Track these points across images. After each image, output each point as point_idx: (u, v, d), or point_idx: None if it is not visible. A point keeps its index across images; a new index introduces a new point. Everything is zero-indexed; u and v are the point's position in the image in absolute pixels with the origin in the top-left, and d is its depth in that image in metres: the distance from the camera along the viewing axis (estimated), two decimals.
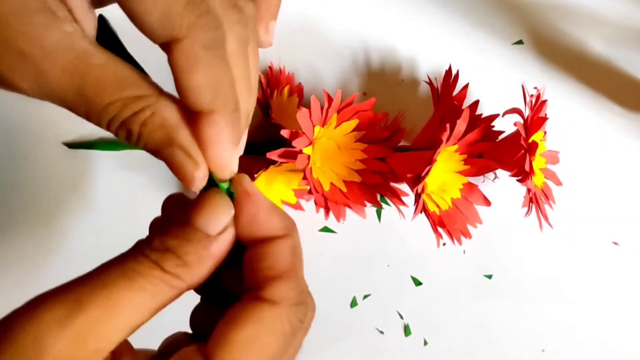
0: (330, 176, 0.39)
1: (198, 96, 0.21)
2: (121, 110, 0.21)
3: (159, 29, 0.20)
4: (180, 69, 0.21)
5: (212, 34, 0.21)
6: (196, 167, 0.22)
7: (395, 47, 0.45)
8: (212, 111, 0.21)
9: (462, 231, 0.39)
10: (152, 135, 0.21)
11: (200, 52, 0.21)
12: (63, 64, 0.20)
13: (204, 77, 0.21)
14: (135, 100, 0.21)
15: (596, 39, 0.46)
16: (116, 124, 0.21)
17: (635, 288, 0.45)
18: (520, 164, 0.37)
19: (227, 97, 0.22)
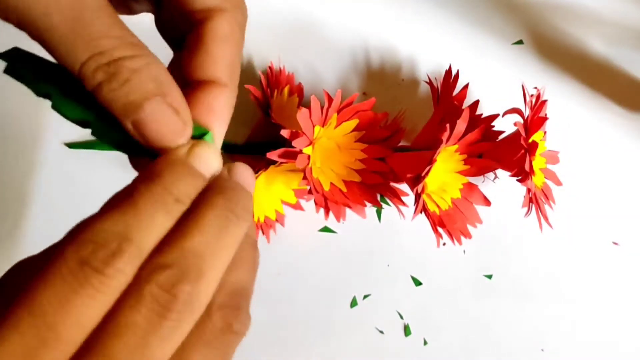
0: (330, 176, 0.39)
1: (224, 67, 0.21)
2: (115, 48, 0.19)
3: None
4: (216, 38, 0.21)
5: (244, 18, 0.22)
6: (184, 127, 0.20)
7: (395, 47, 0.45)
8: (226, 85, 0.21)
9: (462, 231, 0.39)
10: (142, 85, 0.19)
11: (236, 29, 0.21)
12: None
13: (232, 52, 0.21)
14: (133, 45, 0.19)
15: (596, 39, 0.46)
16: (102, 60, 0.19)
17: (635, 288, 0.45)
18: (520, 164, 0.37)
19: (237, 77, 0.22)
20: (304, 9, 0.46)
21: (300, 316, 0.44)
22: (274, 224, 0.43)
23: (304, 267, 0.44)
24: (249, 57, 0.45)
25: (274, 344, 0.43)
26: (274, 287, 0.44)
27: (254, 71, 0.45)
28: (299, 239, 0.44)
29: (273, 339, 0.43)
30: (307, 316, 0.44)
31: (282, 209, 0.43)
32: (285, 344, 0.43)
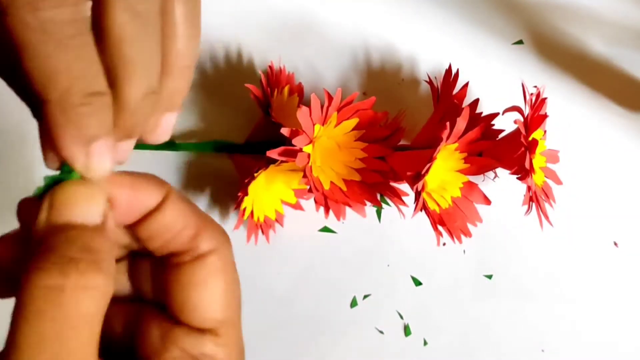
0: (330, 175, 0.39)
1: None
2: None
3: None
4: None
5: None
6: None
7: (396, 47, 0.46)
8: (46, 101, 0.18)
9: (462, 230, 0.39)
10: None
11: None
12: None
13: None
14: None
15: (596, 39, 0.46)
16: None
17: (636, 288, 0.45)
18: (520, 162, 0.37)
19: (66, 83, 0.18)
20: (304, 8, 0.46)
21: (300, 316, 0.44)
22: (274, 224, 0.43)
23: (304, 267, 0.44)
24: (249, 57, 0.45)
25: (274, 344, 0.43)
26: (274, 287, 0.44)
27: (255, 70, 0.45)
28: (299, 239, 0.44)
29: (273, 339, 0.43)
30: (307, 316, 0.44)
31: (282, 209, 0.43)
32: (285, 344, 0.43)
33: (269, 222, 0.42)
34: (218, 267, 0.21)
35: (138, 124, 0.20)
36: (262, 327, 0.43)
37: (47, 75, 0.17)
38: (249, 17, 0.46)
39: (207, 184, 0.44)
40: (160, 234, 0.21)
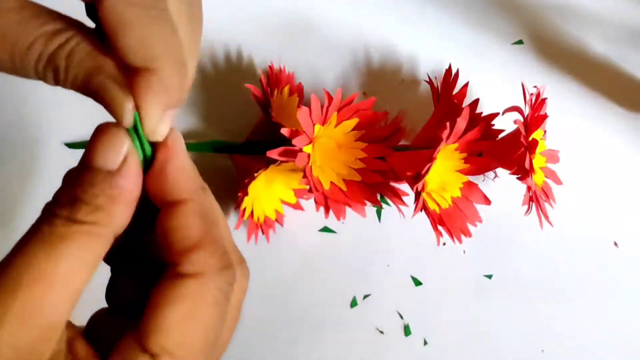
0: (330, 175, 0.39)
1: (132, 54, 0.20)
2: (46, 45, 0.19)
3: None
4: (113, 23, 0.19)
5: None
6: (127, 97, 0.20)
7: (396, 47, 0.46)
8: (148, 70, 0.20)
9: (462, 230, 0.39)
10: (80, 65, 0.20)
11: (132, 9, 0.19)
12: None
13: (134, 35, 0.20)
14: (58, 32, 0.20)
15: (596, 39, 0.46)
16: (43, 62, 0.19)
17: (636, 288, 0.45)
18: (520, 162, 0.37)
19: (167, 54, 0.20)
20: (304, 8, 0.46)
21: (301, 316, 0.44)
22: (274, 223, 0.43)
23: (304, 267, 0.44)
24: (250, 57, 0.45)
25: (274, 343, 0.43)
26: (274, 287, 0.44)
27: (255, 70, 0.45)
28: (299, 239, 0.44)
29: (273, 339, 0.43)
30: (308, 316, 0.44)
31: (282, 209, 0.43)
32: (285, 343, 0.43)
33: (269, 222, 0.42)
34: (192, 296, 0.20)
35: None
36: (262, 327, 0.43)
37: (146, 46, 0.19)
38: (249, 17, 0.46)
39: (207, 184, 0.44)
40: (167, 233, 0.21)
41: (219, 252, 0.21)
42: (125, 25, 0.19)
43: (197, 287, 0.20)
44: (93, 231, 0.19)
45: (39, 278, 0.18)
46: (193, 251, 0.21)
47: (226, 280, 0.21)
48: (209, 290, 0.20)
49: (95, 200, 0.20)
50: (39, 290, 0.18)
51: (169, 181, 0.21)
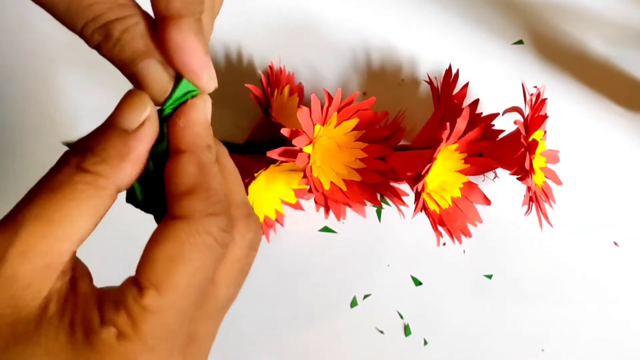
0: (330, 175, 0.39)
1: (165, 2, 0.22)
2: (106, 12, 0.21)
3: None
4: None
5: None
6: (171, 80, 0.22)
7: (396, 47, 0.46)
8: (182, 17, 0.22)
9: (462, 230, 0.39)
10: (131, 43, 0.21)
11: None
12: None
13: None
14: (122, 7, 0.21)
15: (596, 39, 0.46)
16: (97, 24, 0.21)
17: (636, 288, 0.45)
18: (520, 162, 0.37)
19: (193, 4, 0.22)
20: (304, 8, 0.46)
21: (301, 316, 0.44)
22: (274, 224, 0.43)
23: (304, 267, 0.44)
24: (250, 57, 0.45)
25: (274, 343, 0.43)
26: (274, 287, 0.44)
27: (255, 70, 0.45)
28: (299, 239, 0.44)
29: (273, 339, 0.43)
30: (307, 316, 0.44)
31: (282, 209, 0.43)
32: (285, 343, 0.43)
33: (269, 222, 0.42)
34: (178, 236, 0.22)
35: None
36: (262, 326, 0.43)
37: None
38: (249, 17, 0.45)
39: None
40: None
41: (210, 199, 0.22)
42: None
43: (183, 229, 0.21)
44: (96, 182, 0.21)
45: (40, 217, 0.20)
46: (183, 196, 0.22)
47: (217, 226, 0.22)
48: (196, 233, 0.21)
49: (104, 153, 0.21)
50: (40, 228, 0.20)
51: (176, 133, 0.23)
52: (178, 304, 0.21)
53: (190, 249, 0.21)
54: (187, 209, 0.22)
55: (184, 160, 0.22)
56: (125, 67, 0.22)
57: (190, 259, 0.21)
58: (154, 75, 0.22)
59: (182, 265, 0.21)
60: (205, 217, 0.22)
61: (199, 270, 0.21)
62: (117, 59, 0.22)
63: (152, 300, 0.20)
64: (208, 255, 0.21)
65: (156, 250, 0.21)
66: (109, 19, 0.21)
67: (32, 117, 0.44)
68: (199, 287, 0.22)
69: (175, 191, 0.22)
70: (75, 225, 0.20)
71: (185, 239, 0.21)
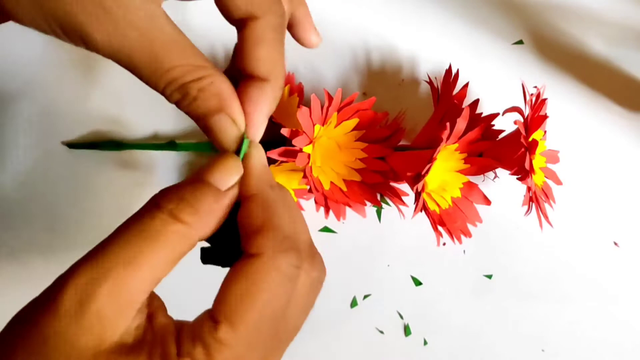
0: (330, 175, 0.39)
1: (260, 65, 0.26)
2: (184, 75, 0.24)
3: (242, 7, 0.26)
4: (252, 41, 0.26)
5: (279, 20, 0.26)
6: (239, 132, 0.25)
7: (396, 47, 0.46)
8: (266, 79, 0.26)
9: (462, 230, 0.39)
10: (206, 101, 0.25)
11: (269, 32, 0.26)
12: (140, 26, 0.23)
13: (267, 52, 0.26)
14: (198, 68, 0.24)
15: (596, 39, 0.46)
16: (175, 85, 0.24)
17: (636, 288, 0.45)
18: (520, 162, 0.37)
19: (280, 72, 0.27)
20: None
21: None
22: None
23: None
24: None
25: None
26: None
27: None
28: None
29: None
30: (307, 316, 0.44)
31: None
32: None
33: None
34: (251, 272, 0.23)
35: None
36: None
37: (271, 61, 0.26)
38: None
39: None
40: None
41: (278, 237, 0.24)
42: (261, 42, 0.26)
43: (255, 265, 0.23)
44: (186, 232, 0.23)
45: (130, 263, 0.22)
46: (254, 235, 0.24)
47: (287, 262, 0.23)
48: (267, 269, 0.23)
49: (199, 205, 0.23)
50: (130, 272, 0.22)
51: (241, 181, 0.25)
52: (249, 338, 0.22)
53: (260, 285, 0.23)
54: (257, 247, 0.23)
55: (251, 201, 0.25)
56: (200, 120, 0.25)
57: (260, 295, 0.23)
58: (224, 128, 0.25)
59: (253, 301, 0.22)
60: (275, 253, 0.23)
61: (269, 305, 0.23)
62: (193, 114, 0.25)
63: (226, 333, 0.22)
64: (279, 289, 0.23)
65: (230, 286, 0.23)
66: (186, 81, 0.24)
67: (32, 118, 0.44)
68: (269, 321, 0.23)
69: (246, 231, 0.24)
70: (157, 272, 0.22)
71: (256, 275, 0.23)
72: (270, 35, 0.26)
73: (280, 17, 0.26)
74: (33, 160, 0.44)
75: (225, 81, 0.25)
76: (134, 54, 0.24)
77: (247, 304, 0.22)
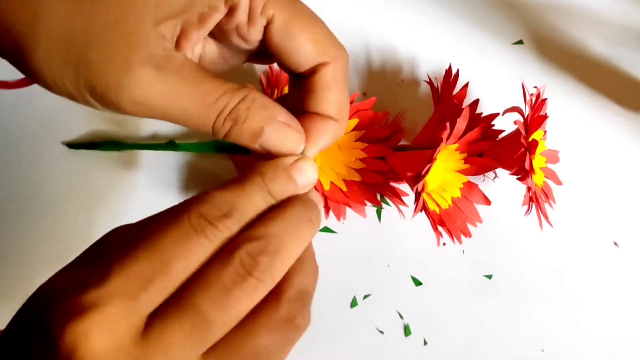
0: (330, 175, 0.39)
1: (331, 106, 0.27)
2: (230, 100, 0.24)
3: (314, 58, 0.26)
4: (323, 85, 0.27)
5: (346, 63, 0.28)
6: (299, 135, 0.26)
7: (396, 47, 0.46)
8: (334, 119, 0.27)
9: (462, 230, 0.39)
10: (257, 116, 0.25)
11: (339, 75, 0.27)
12: (184, 76, 0.24)
13: (338, 93, 0.27)
14: (237, 90, 0.25)
15: (596, 39, 0.46)
16: (225, 114, 0.24)
17: (636, 288, 0.45)
18: (520, 162, 0.37)
19: (347, 113, 0.28)
20: None
21: None
22: None
23: None
24: None
25: None
26: None
27: (255, 71, 0.45)
28: None
29: None
30: None
31: None
32: None
33: None
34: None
35: None
36: None
37: (340, 103, 0.28)
38: None
39: (207, 184, 0.44)
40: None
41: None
42: (334, 85, 0.27)
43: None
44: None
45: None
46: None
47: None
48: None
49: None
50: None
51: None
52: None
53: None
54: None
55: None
56: (255, 139, 0.25)
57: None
58: (282, 134, 0.25)
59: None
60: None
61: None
62: (246, 136, 0.25)
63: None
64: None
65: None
66: (233, 105, 0.25)
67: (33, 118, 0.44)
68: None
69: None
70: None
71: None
72: (341, 79, 0.27)
73: (346, 60, 0.27)
74: (33, 160, 0.44)
75: (266, 97, 0.26)
76: (172, 112, 0.24)
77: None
